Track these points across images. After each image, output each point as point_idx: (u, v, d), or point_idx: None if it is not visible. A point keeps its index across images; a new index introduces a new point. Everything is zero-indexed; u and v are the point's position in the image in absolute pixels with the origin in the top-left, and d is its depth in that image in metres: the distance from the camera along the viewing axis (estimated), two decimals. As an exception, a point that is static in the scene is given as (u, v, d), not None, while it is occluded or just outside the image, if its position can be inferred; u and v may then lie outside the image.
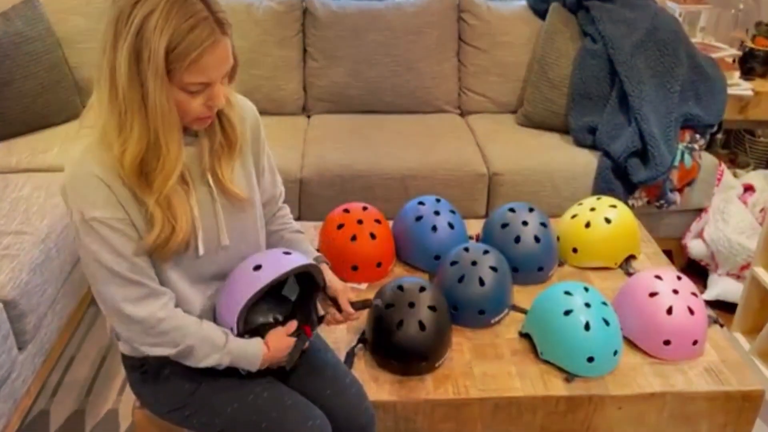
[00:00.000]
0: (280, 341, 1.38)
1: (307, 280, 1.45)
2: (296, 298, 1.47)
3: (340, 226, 1.99)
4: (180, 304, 1.34)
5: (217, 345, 1.32)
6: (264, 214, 1.52)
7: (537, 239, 1.97)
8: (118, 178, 1.21)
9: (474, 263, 1.82)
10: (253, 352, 1.35)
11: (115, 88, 1.15)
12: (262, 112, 1.51)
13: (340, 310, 1.47)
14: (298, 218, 2.35)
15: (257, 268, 1.34)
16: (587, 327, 1.64)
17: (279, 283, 1.40)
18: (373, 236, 1.97)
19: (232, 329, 1.34)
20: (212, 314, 1.40)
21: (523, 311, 1.86)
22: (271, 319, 1.44)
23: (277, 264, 1.34)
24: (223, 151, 1.33)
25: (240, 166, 1.39)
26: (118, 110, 1.16)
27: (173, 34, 1.11)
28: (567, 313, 1.66)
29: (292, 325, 1.41)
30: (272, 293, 1.41)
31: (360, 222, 1.99)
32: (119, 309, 1.26)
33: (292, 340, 1.39)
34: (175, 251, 1.28)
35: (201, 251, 1.32)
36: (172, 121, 1.18)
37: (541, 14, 2.98)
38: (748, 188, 2.77)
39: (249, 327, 1.39)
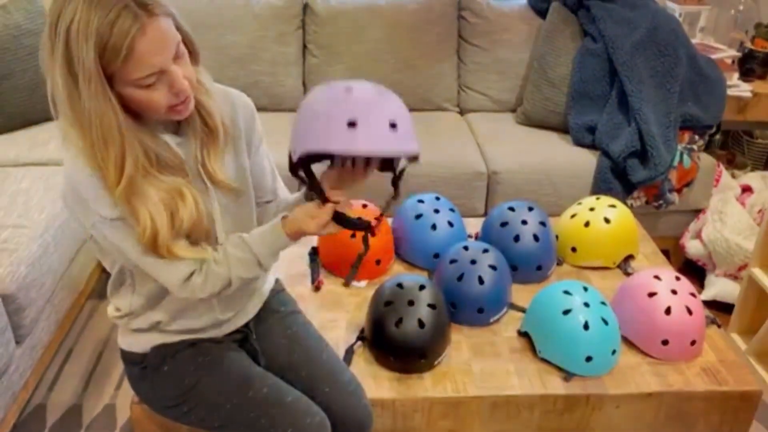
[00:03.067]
0: (306, 216, 1.31)
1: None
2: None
3: (340, 223, 1.99)
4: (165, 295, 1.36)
5: (250, 260, 1.30)
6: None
7: (536, 238, 1.98)
8: None
9: (473, 262, 1.82)
10: (274, 243, 1.31)
11: (68, 108, 1.13)
12: (261, 109, 1.51)
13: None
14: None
15: (351, 124, 1.15)
16: (586, 326, 1.65)
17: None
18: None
19: (293, 152, 1.28)
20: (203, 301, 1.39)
21: (522, 310, 1.86)
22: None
23: (377, 138, 1.15)
24: (209, 140, 1.30)
25: (232, 159, 1.37)
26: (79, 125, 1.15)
27: (97, 35, 1.05)
28: (566, 312, 1.66)
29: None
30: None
31: (359, 219, 1.98)
32: (170, 288, 1.29)
33: (323, 216, 1.28)
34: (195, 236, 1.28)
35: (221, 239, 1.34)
36: (110, 127, 1.13)
37: (542, 13, 2.98)
38: (746, 189, 2.78)
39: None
